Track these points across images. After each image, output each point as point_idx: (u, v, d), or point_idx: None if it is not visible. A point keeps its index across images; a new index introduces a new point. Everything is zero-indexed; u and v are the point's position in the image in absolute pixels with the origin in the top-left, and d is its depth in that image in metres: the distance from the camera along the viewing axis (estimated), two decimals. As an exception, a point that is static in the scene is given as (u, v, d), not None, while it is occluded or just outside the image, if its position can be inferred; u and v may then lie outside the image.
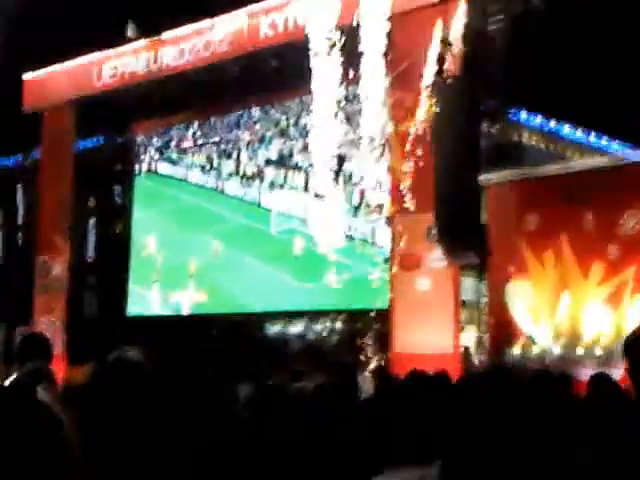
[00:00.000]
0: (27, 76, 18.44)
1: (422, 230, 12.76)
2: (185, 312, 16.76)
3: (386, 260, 13.73)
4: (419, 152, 12.87)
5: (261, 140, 16.92)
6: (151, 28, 16.75)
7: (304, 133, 15.47)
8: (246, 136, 17.08)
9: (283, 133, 16.60)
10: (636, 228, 10.76)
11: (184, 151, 18.06)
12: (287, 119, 16.49)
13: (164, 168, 18.28)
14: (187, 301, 16.79)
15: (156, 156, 18.33)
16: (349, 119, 14.62)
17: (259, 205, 16.67)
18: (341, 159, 14.90)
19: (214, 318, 16.35)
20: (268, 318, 16.12)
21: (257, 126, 16.99)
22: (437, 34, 12.75)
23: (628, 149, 14.15)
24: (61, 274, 17.42)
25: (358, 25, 13.49)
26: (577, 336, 11.31)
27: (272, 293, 15.77)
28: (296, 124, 16.24)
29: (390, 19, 13.40)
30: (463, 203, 12.29)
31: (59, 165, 17.93)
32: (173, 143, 18.21)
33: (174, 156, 18.18)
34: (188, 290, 16.79)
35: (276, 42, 15.04)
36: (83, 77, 17.58)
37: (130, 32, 16.97)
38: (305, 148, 15.57)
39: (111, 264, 17.60)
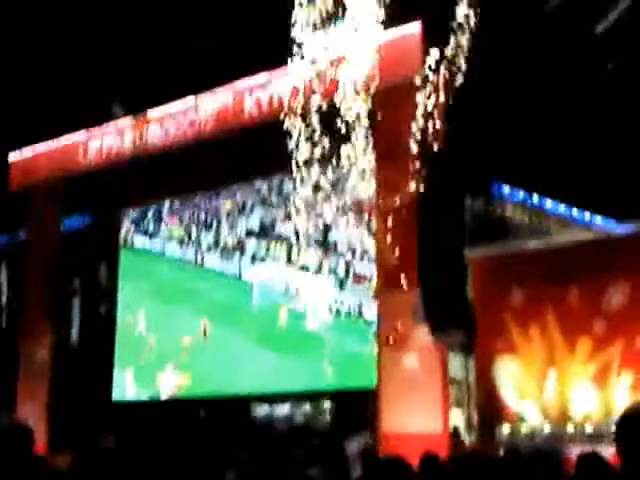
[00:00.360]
0: (13, 156, 18.46)
1: (408, 307, 12.62)
2: (168, 396, 16.43)
3: (373, 336, 13.54)
4: (404, 227, 12.81)
5: (242, 209, 16.73)
6: (137, 106, 16.82)
7: (287, 201, 15.42)
8: (226, 205, 16.88)
9: (265, 202, 16.40)
10: (621, 304, 10.63)
11: (161, 223, 17.87)
12: (269, 187, 16.31)
13: (140, 241, 18.10)
14: (170, 384, 16.46)
15: (132, 229, 18.14)
16: (334, 186, 14.59)
17: (240, 278, 16.42)
18: (326, 228, 14.84)
19: (199, 401, 16.04)
20: (254, 400, 15.80)
21: (238, 195, 16.81)
22: (420, 110, 12.79)
23: (611, 223, 14.12)
24: (45, 358, 17.16)
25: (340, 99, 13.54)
26: (566, 414, 11.08)
27: (257, 373, 15.43)
28: (279, 192, 16.11)
29: (374, 95, 13.46)
30: (449, 279, 12.20)
31: (45, 245, 17.84)
32: (150, 214, 18.04)
33: (150, 228, 18.00)
34: (171, 372, 16.47)
35: (260, 119, 15.08)
36: (69, 156, 17.59)
37: (116, 110, 17.03)
38: (288, 217, 15.50)
39: (95, 347, 17.35)
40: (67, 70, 18.70)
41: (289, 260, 15.53)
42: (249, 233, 16.50)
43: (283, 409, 15.56)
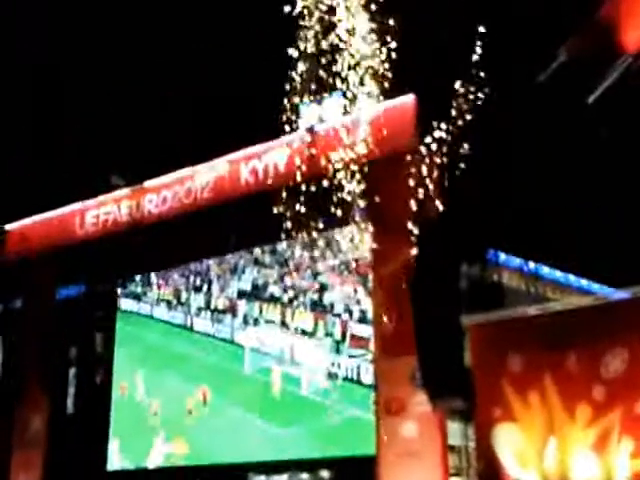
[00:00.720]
0: (10, 226, 18.55)
1: (406, 373, 12.63)
2: (162, 464, 16.24)
3: (371, 402, 13.51)
4: (401, 294, 12.88)
5: (233, 270, 16.71)
6: (134, 177, 16.98)
7: (280, 261, 15.47)
8: (217, 266, 16.83)
9: (257, 262, 16.37)
10: (619, 370, 10.62)
11: (149, 285, 17.84)
12: (261, 246, 16.28)
13: (127, 304, 18.04)
14: (164, 453, 16.30)
15: (118, 291, 18.10)
16: (329, 244, 14.69)
17: (232, 342, 16.30)
18: (322, 288, 14.89)
19: (195, 470, 15.87)
20: (251, 469, 15.62)
21: (229, 254, 16.77)
22: (416, 177, 12.95)
23: (608, 290, 14.19)
24: (40, 428, 17.05)
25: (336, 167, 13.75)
26: (567, 481, 11.01)
27: (253, 441, 15.27)
28: (272, 252, 16.13)
29: (371, 164, 13.65)
30: (446, 346, 12.20)
31: (40, 314, 17.85)
32: (137, 277, 18.01)
33: (138, 290, 17.96)
34: (165, 441, 16.31)
35: (256, 188, 15.23)
36: (65, 226, 17.70)
37: (115, 181, 17.17)
38: (281, 278, 15.52)
39: (91, 416, 17.23)
40: (66, 140, 18.92)
41: (283, 322, 15.51)
42: (241, 294, 16.43)
43: (281, 479, 15.41)
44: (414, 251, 12.64)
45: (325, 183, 14.08)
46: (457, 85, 13.05)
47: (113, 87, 18.03)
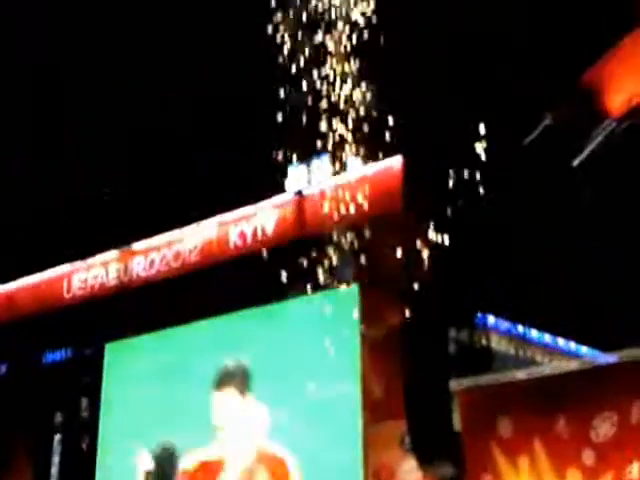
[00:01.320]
0: (-4, 290, 18.52)
1: (395, 439, 12.49)
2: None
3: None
4: (389, 357, 12.82)
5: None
6: (122, 240, 16.99)
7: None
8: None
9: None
10: (609, 434, 10.50)
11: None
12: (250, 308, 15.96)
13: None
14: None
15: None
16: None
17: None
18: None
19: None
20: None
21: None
22: (404, 242, 12.97)
23: (596, 353, 14.14)
24: (23, 495, 16.81)
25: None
26: None
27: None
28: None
29: (360, 226, 13.69)
30: (434, 411, 12.11)
31: (26, 380, 17.70)
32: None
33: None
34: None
35: (245, 251, 15.24)
36: (53, 290, 17.64)
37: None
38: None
39: (76, 483, 16.99)
40: (52, 206, 18.95)
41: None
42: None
43: None
44: (402, 314, 12.62)
45: (313, 245, 14.12)
46: (445, 152, 13.18)
47: (101, 152, 18.13)
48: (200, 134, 17.32)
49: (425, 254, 12.66)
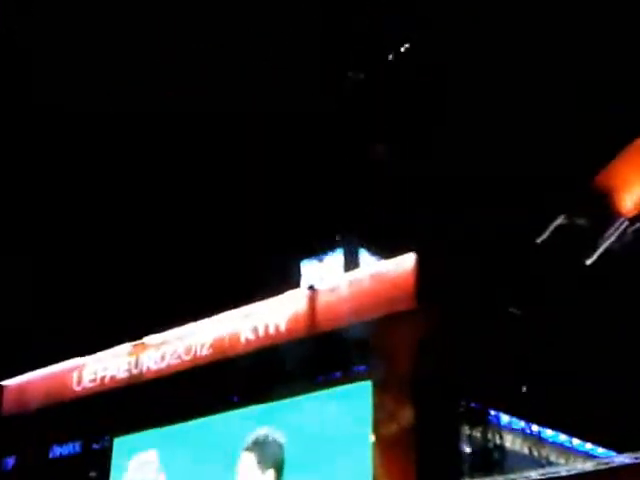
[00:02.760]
0: (7, 382, 18.43)
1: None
2: None
3: None
4: (402, 455, 12.67)
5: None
6: (136, 334, 17.00)
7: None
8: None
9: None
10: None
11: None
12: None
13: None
14: None
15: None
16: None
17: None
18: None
19: None
20: None
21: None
22: (417, 339, 12.95)
23: (612, 453, 13.96)
24: None
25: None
26: None
27: None
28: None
29: (369, 322, 13.69)
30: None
31: (33, 473, 17.51)
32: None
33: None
34: None
35: (257, 345, 15.20)
36: (63, 382, 17.58)
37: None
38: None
39: None
40: (66, 298, 19.07)
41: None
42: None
43: None
44: (415, 412, 12.51)
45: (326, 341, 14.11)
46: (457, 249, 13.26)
47: (115, 245, 18.31)
48: (212, 230, 17.52)
49: (438, 351, 12.62)
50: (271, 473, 14.94)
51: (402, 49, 13.37)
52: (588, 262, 11.29)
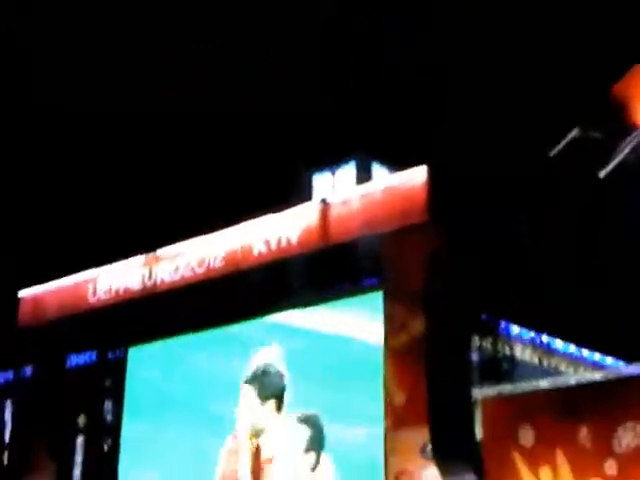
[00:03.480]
0: (23, 293, 18.66)
1: (417, 446, 12.53)
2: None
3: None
4: (412, 366, 12.85)
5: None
6: (148, 245, 17.11)
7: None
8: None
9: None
10: (632, 444, 10.52)
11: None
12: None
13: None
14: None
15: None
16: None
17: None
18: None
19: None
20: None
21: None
22: (428, 251, 13.00)
23: (621, 363, 14.13)
24: (46, 496, 16.98)
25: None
26: None
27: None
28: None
29: (383, 235, 13.76)
30: (457, 419, 12.13)
31: (50, 382, 17.85)
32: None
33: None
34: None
35: (269, 259, 15.31)
36: (78, 294, 17.77)
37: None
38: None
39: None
40: (80, 208, 19.17)
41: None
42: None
43: None
44: (426, 323, 12.65)
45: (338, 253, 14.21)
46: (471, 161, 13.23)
47: (130, 153, 18.31)
48: (227, 142, 17.48)
49: (450, 264, 12.70)
50: (272, 403, 15.20)
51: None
52: (602, 175, 11.28)
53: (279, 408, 15.06)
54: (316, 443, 14.46)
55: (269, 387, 15.16)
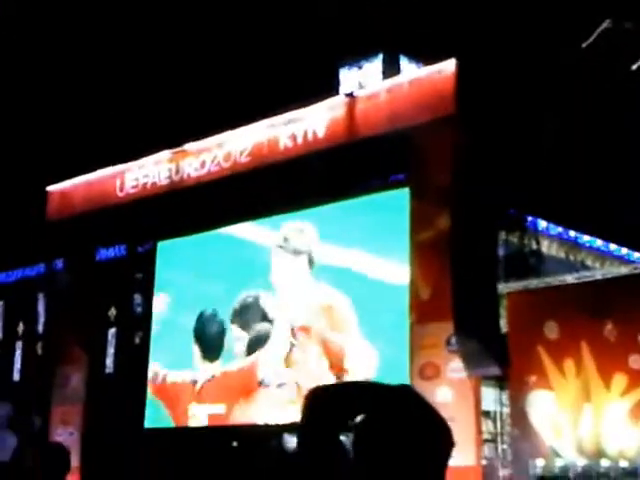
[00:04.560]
0: (51, 187, 18.76)
1: (442, 339, 12.69)
2: (203, 423, 16.42)
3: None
4: (438, 260, 12.91)
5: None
6: (174, 140, 17.08)
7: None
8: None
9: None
10: (657, 339, 10.63)
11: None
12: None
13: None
14: (204, 411, 16.47)
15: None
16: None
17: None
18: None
19: (233, 429, 16.04)
20: (287, 429, 15.70)
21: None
22: (455, 146, 12.91)
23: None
24: (79, 385, 17.41)
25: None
26: (601, 449, 11.05)
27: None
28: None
29: (410, 130, 13.64)
30: (482, 312, 12.25)
31: (81, 275, 18.13)
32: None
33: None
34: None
35: (295, 153, 15.26)
36: (106, 188, 17.85)
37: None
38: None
39: (130, 376, 17.48)
40: (106, 104, 19.08)
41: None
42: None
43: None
44: (452, 217, 12.66)
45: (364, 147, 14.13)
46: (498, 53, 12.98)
47: (153, 51, 18.10)
48: (252, 35, 17.24)
49: (477, 158, 12.61)
50: (304, 258, 15.44)
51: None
52: (634, 67, 11.07)
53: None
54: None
55: (301, 245, 15.54)
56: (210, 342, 16.61)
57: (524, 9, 12.84)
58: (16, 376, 19.55)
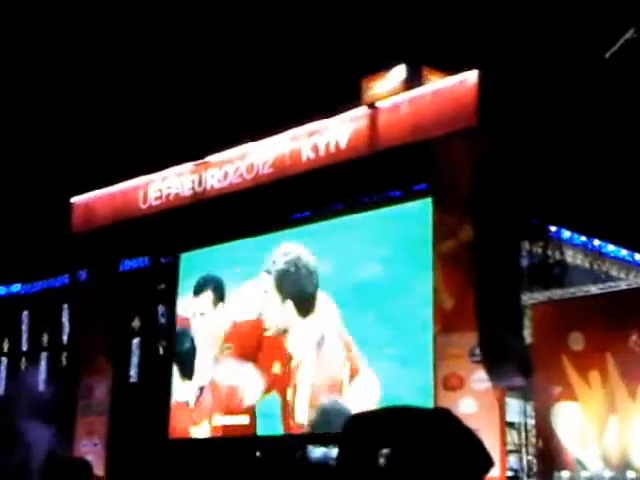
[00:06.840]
0: (76, 199, 18.88)
1: (466, 349, 12.67)
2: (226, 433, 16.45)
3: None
4: (462, 270, 12.90)
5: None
6: (197, 152, 17.16)
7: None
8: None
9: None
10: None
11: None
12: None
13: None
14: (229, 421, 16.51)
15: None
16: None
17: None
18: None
19: (257, 439, 16.07)
20: (311, 439, 15.71)
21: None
22: (478, 156, 12.91)
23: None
24: (104, 395, 17.49)
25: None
26: (627, 460, 11.00)
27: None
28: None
29: (430, 140, 13.64)
30: (506, 323, 12.24)
31: (105, 285, 18.23)
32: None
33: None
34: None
35: (317, 164, 15.29)
36: (129, 200, 17.94)
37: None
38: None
39: (154, 385, 17.57)
40: (129, 116, 19.22)
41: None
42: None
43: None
44: (475, 227, 12.65)
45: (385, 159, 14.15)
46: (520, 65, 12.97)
47: (178, 65, 18.22)
48: (276, 48, 17.32)
49: (500, 169, 12.61)
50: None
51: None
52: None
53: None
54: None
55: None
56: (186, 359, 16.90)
57: (546, 21, 12.84)
58: (41, 387, 19.68)
